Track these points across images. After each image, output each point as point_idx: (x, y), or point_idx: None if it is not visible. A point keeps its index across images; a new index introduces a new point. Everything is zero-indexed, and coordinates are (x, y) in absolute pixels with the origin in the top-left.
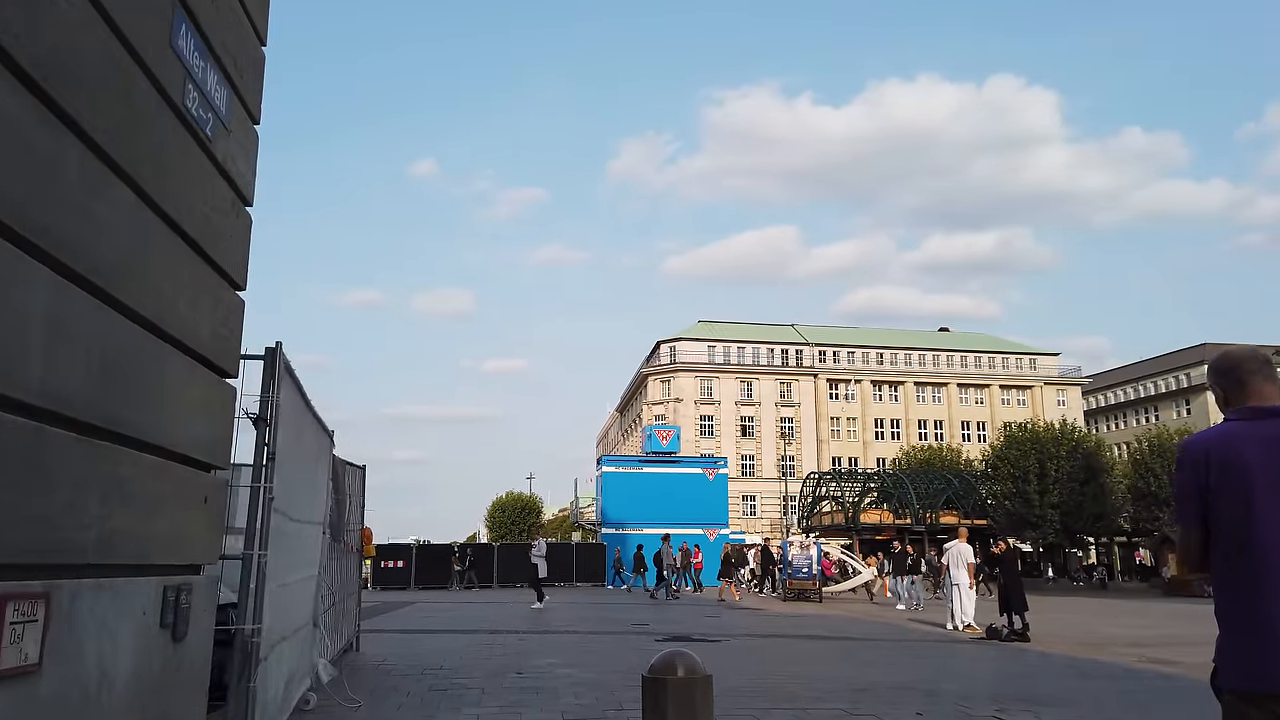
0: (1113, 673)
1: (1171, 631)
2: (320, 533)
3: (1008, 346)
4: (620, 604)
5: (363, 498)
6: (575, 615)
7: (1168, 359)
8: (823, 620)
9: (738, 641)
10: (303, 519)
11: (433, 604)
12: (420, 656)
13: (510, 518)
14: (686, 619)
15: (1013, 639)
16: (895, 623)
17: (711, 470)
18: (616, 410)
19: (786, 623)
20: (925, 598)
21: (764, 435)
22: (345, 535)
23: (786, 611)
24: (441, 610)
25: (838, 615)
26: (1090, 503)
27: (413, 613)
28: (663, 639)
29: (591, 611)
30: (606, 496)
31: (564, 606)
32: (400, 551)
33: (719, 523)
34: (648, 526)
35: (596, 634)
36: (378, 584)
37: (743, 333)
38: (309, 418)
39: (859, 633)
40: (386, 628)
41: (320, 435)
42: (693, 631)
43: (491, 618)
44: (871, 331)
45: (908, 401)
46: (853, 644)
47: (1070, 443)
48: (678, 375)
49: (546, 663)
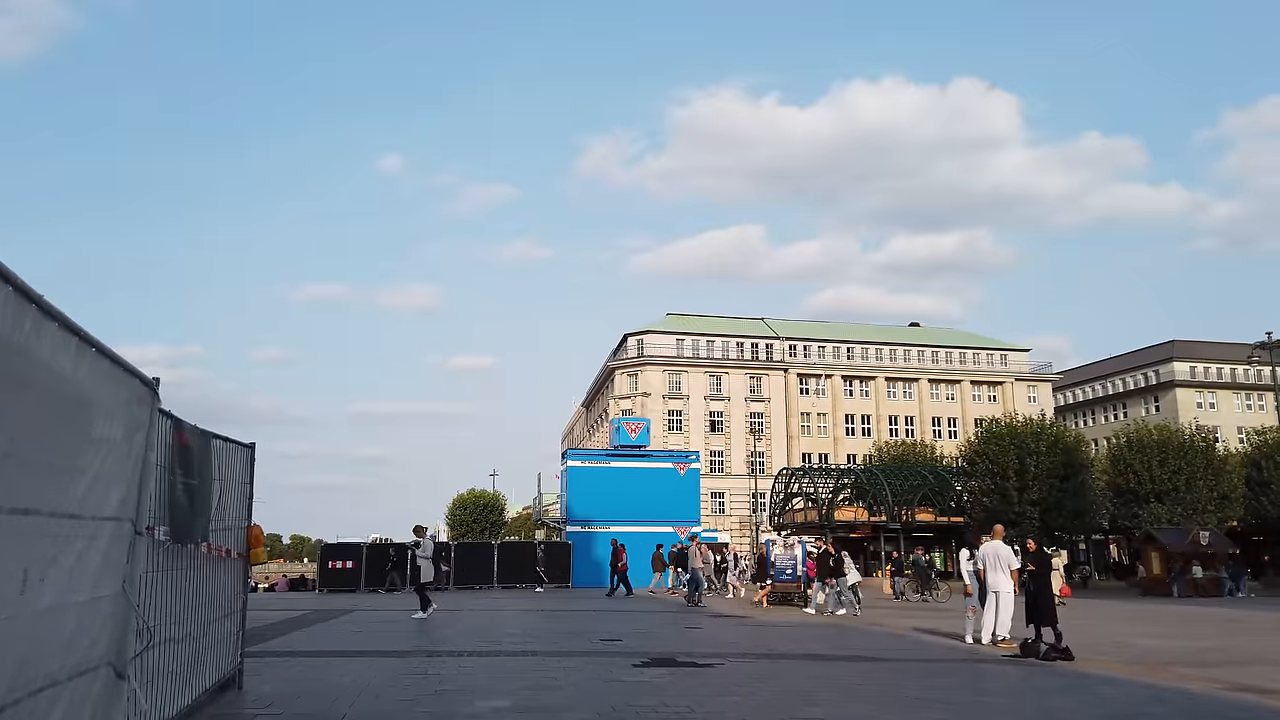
0: (1219, 709)
1: (1213, 644)
2: (123, 531)
3: (978, 342)
4: (583, 612)
5: (249, 485)
6: (533, 627)
7: (1137, 355)
8: (817, 632)
9: (732, 665)
10: (43, 508)
11: (375, 611)
12: (322, 696)
13: (472, 516)
14: (663, 632)
15: (1054, 657)
16: (899, 633)
17: (683, 465)
18: (582, 406)
19: (780, 636)
20: (850, 603)
21: (733, 431)
22: (213, 536)
23: (774, 619)
24: (380, 620)
25: (829, 625)
26: (1070, 499)
27: (346, 624)
28: (643, 663)
29: (552, 623)
30: (572, 492)
31: (521, 614)
32: (349, 551)
33: (691, 520)
34: (616, 524)
35: (559, 655)
36: (325, 586)
37: (712, 326)
38: (52, 340)
39: (869, 649)
40: (299, 648)
41: (108, 380)
42: (675, 650)
43: (433, 631)
44: (842, 326)
45: (879, 397)
46: (873, 667)
47: (1050, 438)
48: (645, 369)
49: (493, 709)
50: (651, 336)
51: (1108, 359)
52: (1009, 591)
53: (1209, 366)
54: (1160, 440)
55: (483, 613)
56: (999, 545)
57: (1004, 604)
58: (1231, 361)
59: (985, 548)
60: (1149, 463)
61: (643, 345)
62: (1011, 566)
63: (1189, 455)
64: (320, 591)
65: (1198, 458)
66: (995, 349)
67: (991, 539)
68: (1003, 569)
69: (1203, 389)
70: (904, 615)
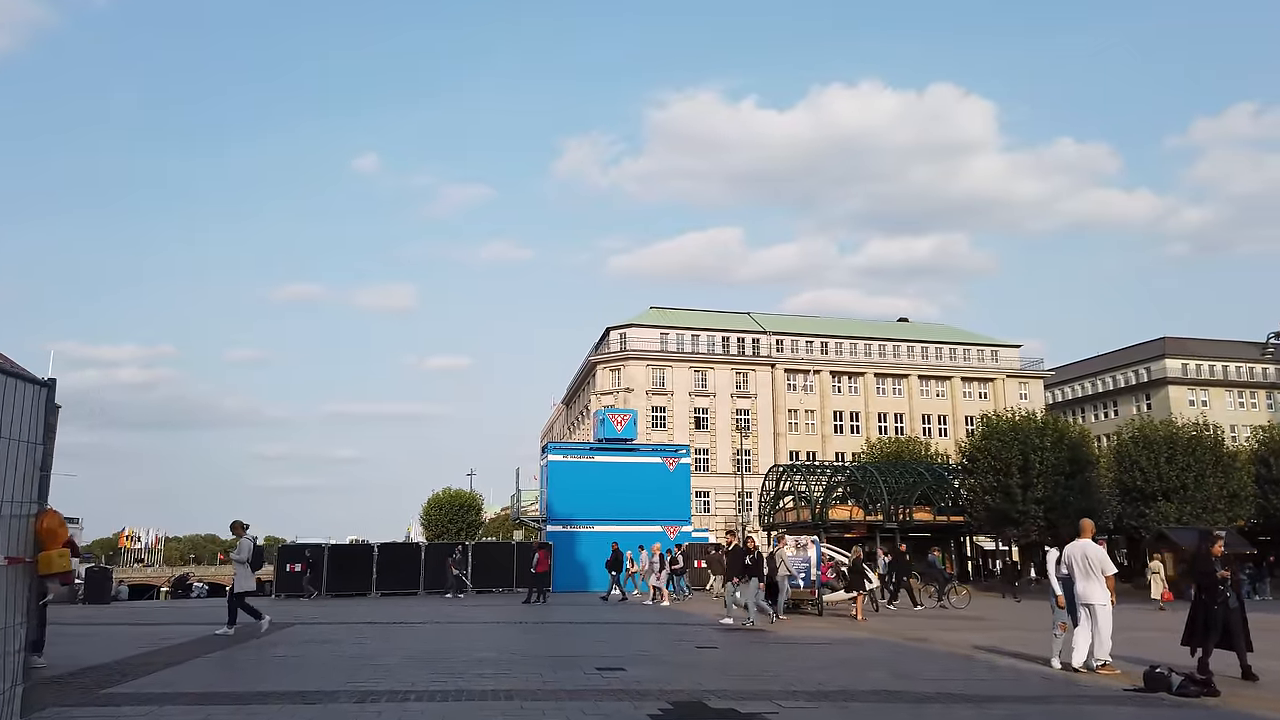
0: None
1: None
2: None
3: (968, 338)
4: (567, 625)
5: (40, 449)
6: (507, 648)
7: (1128, 352)
8: (861, 652)
9: (792, 712)
10: None
11: (319, 625)
12: None
13: (447, 516)
14: (671, 654)
15: (1194, 691)
16: (962, 653)
17: (672, 460)
18: (562, 403)
19: (819, 658)
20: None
21: (719, 428)
22: None
23: (793, 632)
24: (320, 637)
25: (870, 639)
26: (1076, 498)
27: (273, 643)
28: (662, 711)
29: (531, 640)
30: (553, 489)
31: (492, 629)
32: (303, 554)
33: (681, 519)
34: (600, 523)
35: (545, 699)
36: (281, 591)
37: (697, 320)
38: None
39: (947, 680)
40: (180, 688)
41: None
42: (701, 687)
43: (378, 653)
44: (830, 321)
45: (868, 394)
46: (979, 715)
47: (1055, 433)
48: (628, 364)
49: None
50: (634, 330)
51: (1098, 356)
52: (1106, 604)
53: (1201, 364)
54: (1167, 436)
55: (444, 626)
56: (1089, 545)
57: (1102, 619)
58: (1224, 359)
59: (1072, 548)
60: (1156, 459)
61: (625, 339)
62: (1105, 571)
63: (1197, 452)
64: (276, 597)
65: (1206, 454)
66: (985, 345)
67: (1080, 536)
68: (1096, 575)
69: (1195, 386)
70: (940, 626)
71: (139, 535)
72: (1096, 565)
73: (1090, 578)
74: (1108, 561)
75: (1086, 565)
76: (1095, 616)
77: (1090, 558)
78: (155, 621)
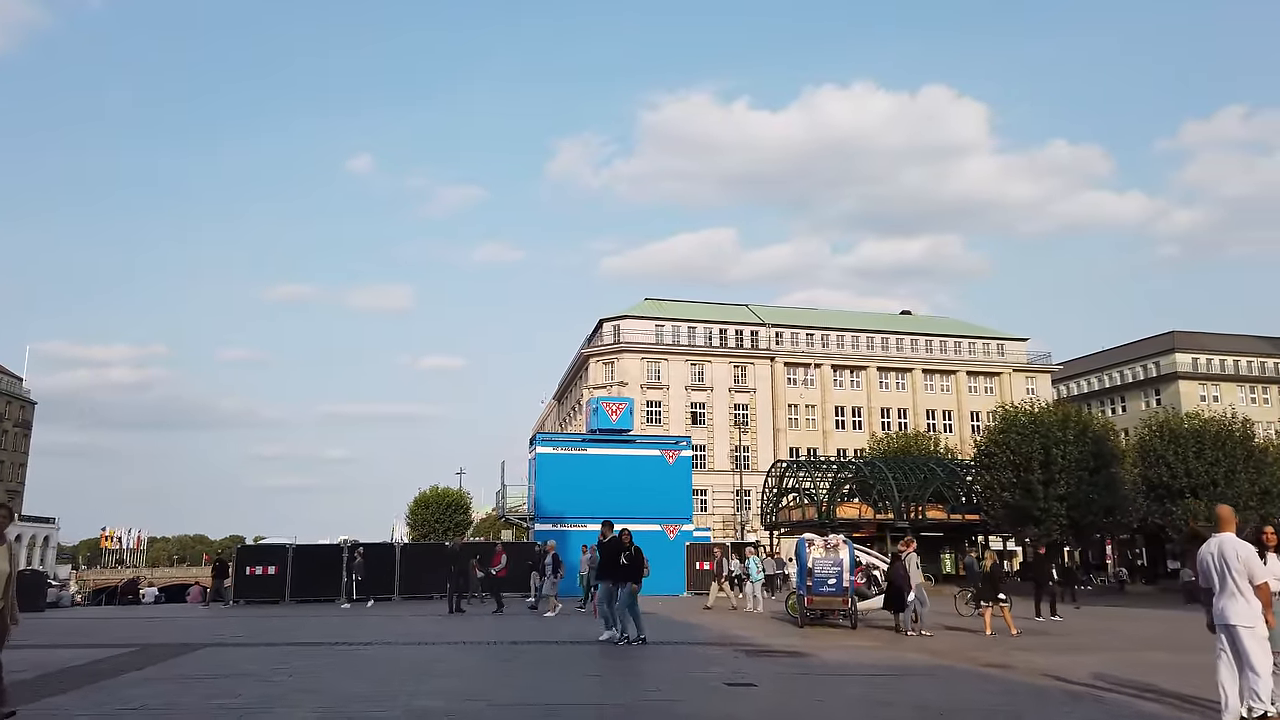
0: None
1: None
2: None
3: (973, 330)
4: (552, 646)
5: None
6: (468, 686)
7: (1137, 346)
8: (927, 686)
9: None
10: None
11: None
12: None
13: (435, 515)
14: (692, 698)
15: None
16: (1070, 687)
17: (672, 452)
18: (554, 399)
19: (883, 695)
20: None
21: (717, 423)
22: None
23: (833, 654)
24: (218, 669)
25: (941, 667)
26: (1101, 494)
27: (149, 678)
28: None
29: (502, 672)
30: (541, 484)
31: (453, 654)
32: (273, 554)
33: (682, 516)
34: (593, 521)
35: None
36: (241, 597)
37: (693, 312)
38: None
39: None
40: None
41: None
42: None
43: (277, 700)
44: (831, 313)
45: (870, 388)
46: None
47: (1077, 426)
48: (622, 356)
49: None
50: (629, 322)
51: (1106, 350)
52: (1253, 625)
53: (1211, 358)
54: (1195, 429)
55: (390, 649)
56: (1231, 540)
57: (1263, 649)
58: (1234, 353)
59: (1209, 546)
60: (1184, 454)
61: (619, 331)
62: (1254, 579)
63: (1227, 446)
64: (234, 604)
65: (1237, 448)
66: (992, 338)
67: (1219, 530)
68: (1244, 588)
69: (1205, 381)
70: (1015, 645)
71: (120, 536)
72: (1244, 570)
73: (1240, 597)
74: (1257, 566)
75: (1225, 569)
76: (1241, 645)
77: (1246, 562)
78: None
